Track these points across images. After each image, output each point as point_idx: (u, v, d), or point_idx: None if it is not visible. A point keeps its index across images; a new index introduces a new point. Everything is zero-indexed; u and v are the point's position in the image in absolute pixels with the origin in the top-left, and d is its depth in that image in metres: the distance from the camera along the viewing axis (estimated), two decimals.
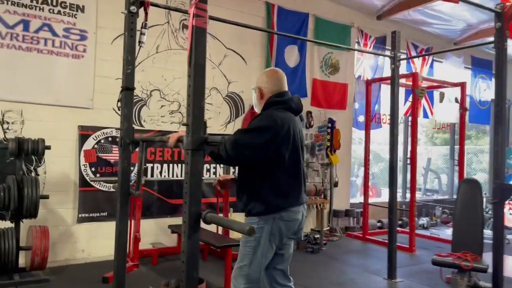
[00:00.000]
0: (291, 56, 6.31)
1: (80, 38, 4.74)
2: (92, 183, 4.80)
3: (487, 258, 3.53)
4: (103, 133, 4.88)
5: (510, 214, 7.16)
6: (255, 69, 6.03)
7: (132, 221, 4.31)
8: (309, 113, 6.48)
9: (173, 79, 5.33)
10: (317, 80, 6.62)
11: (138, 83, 5.08)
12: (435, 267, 3.72)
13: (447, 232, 6.93)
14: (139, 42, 2.87)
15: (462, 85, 6.40)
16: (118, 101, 2.90)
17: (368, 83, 6.62)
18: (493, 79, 9.57)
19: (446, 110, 7.79)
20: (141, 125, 5.13)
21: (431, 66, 8.33)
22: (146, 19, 2.80)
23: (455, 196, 8.10)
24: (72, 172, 4.73)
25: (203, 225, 2.06)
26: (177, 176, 5.36)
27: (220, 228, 5.42)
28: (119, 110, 2.91)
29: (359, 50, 7.23)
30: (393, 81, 4.29)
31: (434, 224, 7.82)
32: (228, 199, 5.19)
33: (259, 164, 2.37)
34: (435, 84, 6.83)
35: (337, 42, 6.73)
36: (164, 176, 5.29)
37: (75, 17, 4.71)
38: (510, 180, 7.39)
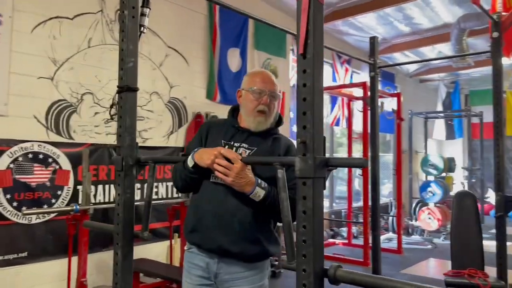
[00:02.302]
0: (234, 59, 5.76)
1: None
2: (6, 214, 3.61)
3: (490, 273, 3.45)
4: (22, 148, 3.71)
5: (429, 219, 7.58)
6: (198, 72, 5.34)
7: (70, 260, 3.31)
8: None
9: (109, 80, 4.38)
10: None
11: (66, 84, 4.06)
12: None
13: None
14: (140, 26, 2.10)
15: (398, 96, 6.57)
16: (112, 106, 2.06)
17: None
18: (396, 90, 10.33)
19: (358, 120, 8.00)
20: (70, 137, 4.07)
21: (351, 76, 8.52)
22: None
23: (385, 200, 8.46)
24: None
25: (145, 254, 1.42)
26: (114, 200, 4.39)
27: (165, 254, 4.61)
28: (111, 118, 2.08)
29: (342, 54, 7.00)
30: (373, 89, 4.05)
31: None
32: (172, 223, 4.43)
33: None
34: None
35: (274, 47, 6.43)
36: (99, 200, 4.28)
37: None
38: (426, 189, 7.84)
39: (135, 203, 1.94)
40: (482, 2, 3.39)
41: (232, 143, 1.87)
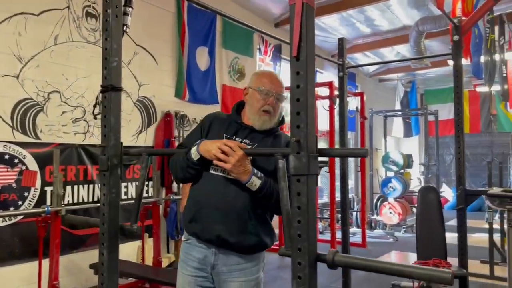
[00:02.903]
0: (202, 58, 5.76)
1: None
2: None
3: (453, 262, 3.66)
4: None
5: (391, 213, 7.89)
6: (167, 71, 5.31)
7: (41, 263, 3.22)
8: None
9: (77, 78, 4.28)
10: (227, 86, 6.20)
11: (32, 82, 3.94)
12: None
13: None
14: (123, 25, 2.10)
15: (361, 95, 6.79)
16: (95, 106, 2.04)
17: None
18: (357, 90, 10.66)
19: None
20: (37, 137, 3.95)
21: (315, 76, 8.70)
22: None
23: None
24: None
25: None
26: (83, 200, 4.30)
27: (134, 255, 4.59)
28: (95, 118, 2.06)
29: (323, 59, 7.08)
30: (342, 89, 4.18)
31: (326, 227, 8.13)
32: (144, 223, 4.41)
33: None
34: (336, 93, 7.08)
35: (242, 46, 6.49)
36: (68, 202, 4.18)
37: None
38: (387, 184, 8.15)
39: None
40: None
41: (234, 138, 1.89)
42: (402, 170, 8.56)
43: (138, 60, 4.92)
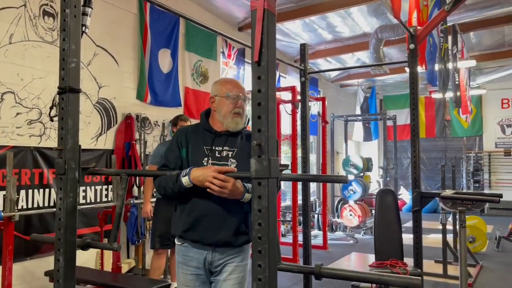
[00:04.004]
0: (165, 60, 5.69)
1: None
2: None
3: (409, 262, 3.79)
4: None
5: (351, 215, 8.07)
6: (128, 73, 5.21)
7: None
8: None
9: (32, 79, 4.13)
10: (189, 89, 6.16)
11: None
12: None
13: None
14: (82, 25, 2.05)
15: (323, 100, 6.91)
16: (52, 107, 1.98)
17: None
18: (319, 95, 10.86)
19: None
20: None
21: (279, 80, 8.80)
22: None
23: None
24: None
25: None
26: (38, 205, 4.14)
27: (93, 261, 4.47)
28: (51, 120, 2.00)
29: (287, 64, 7.07)
30: (304, 94, 4.25)
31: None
32: (103, 228, 4.32)
33: None
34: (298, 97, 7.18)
35: (205, 50, 6.48)
36: (22, 207, 4.01)
37: None
38: (347, 187, 8.34)
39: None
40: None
41: (214, 147, 2.08)
42: (362, 173, 8.79)
43: (99, 61, 4.81)
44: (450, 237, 5.64)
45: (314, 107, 10.76)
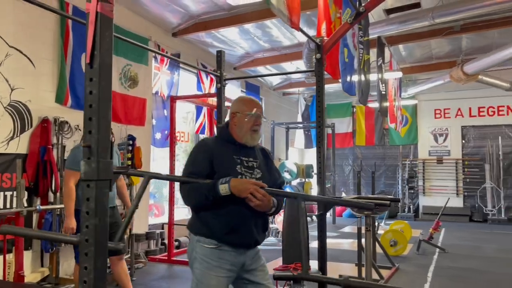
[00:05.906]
0: None
1: None
2: None
3: (314, 265, 3.89)
4: None
5: None
6: (46, 75, 5.06)
7: None
8: None
9: None
10: (117, 93, 6.05)
11: None
12: None
13: None
14: None
15: None
16: None
17: (173, 100, 6.48)
18: (261, 102, 10.98)
19: None
20: None
21: (199, 83, 8.79)
22: None
23: None
24: None
25: None
26: None
27: None
28: None
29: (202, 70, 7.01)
30: (220, 99, 4.31)
31: None
32: (6, 236, 4.14)
33: None
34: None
35: (135, 54, 6.41)
36: None
37: None
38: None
39: None
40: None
41: (241, 157, 2.29)
42: (299, 179, 8.95)
43: (11, 62, 4.63)
44: None
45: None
